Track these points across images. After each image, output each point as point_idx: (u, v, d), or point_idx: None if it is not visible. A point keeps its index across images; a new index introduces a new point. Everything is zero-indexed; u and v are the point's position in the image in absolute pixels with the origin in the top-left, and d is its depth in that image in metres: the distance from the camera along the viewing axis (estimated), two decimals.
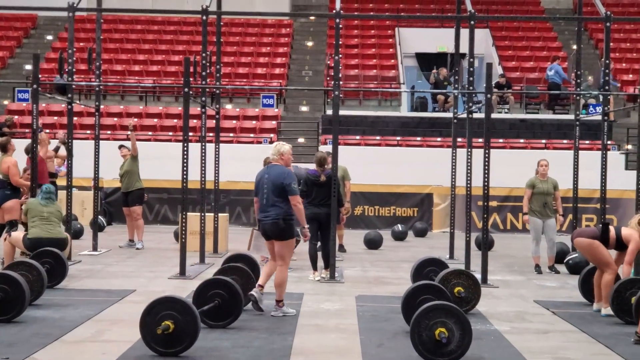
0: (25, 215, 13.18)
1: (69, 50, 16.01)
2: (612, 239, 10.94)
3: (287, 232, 10.68)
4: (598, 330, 10.07)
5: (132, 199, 18.05)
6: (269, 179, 10.64)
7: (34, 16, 37.46)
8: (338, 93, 14.24)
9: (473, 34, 15.66)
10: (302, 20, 38.27)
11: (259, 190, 10.75)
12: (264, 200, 10.65)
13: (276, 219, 10.57)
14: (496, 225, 23.57)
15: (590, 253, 11.08)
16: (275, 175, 10.65)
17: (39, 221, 12.94)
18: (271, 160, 11.01)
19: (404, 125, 28.41)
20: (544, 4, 39.07)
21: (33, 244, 12.76)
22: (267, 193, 10.63)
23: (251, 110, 30.23)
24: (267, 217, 10.61)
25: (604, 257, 10.95)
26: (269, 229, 10.66)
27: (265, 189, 10.64)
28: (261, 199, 10.69)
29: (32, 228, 12.97)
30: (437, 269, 11.87)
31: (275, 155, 10.90)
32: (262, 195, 10.68)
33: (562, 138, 27.29)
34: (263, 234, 10.91)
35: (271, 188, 10.59)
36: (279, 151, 10.94)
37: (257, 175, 10.93)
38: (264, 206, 10.65)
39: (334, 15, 14.79)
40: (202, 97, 16.84)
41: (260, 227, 10.95)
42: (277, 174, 10.65)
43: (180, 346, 8.27)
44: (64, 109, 27.15)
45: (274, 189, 10.58)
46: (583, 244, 11.07)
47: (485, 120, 13.96)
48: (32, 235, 12.86)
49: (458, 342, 8.06)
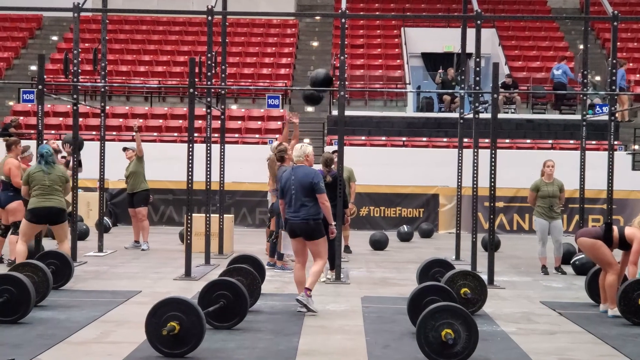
0: (25, 184, 13.02)
1: (74, 51, 15.99)
2: (616, 239, 10.90)
3: (317, 232, 10.93)
4: (605, 331, 10.03)
5: (138, 200, 18.04)
6: (295, 180, 10.89)
7: (39, 17, 37.51)
8: (344, 93, 14.20)
9: (479, 34, 15.61)
10: (308, 20, 38.26)
11: (285, 192, 10.98)
12: (292, 201, 10.89)
13: (305, 219, 10.84)
14: (502, 226, 23.54)
15: (593, 253, 11.04)
16: (302, 175, 10.90)
17: (40, 190, 12.86)
18: (296, 162, 11.15)
19: (410, 126, 28.40)
20: (551, 4, 39.03)
21: (31, 214, 12.80)
22: (295, 194, 10.87)
23: (256, 111, 30.22)
24: (296, 217, 10.86)
25: (606, 257, 10.90)
26: (298, 228, 10.89)
27: (293, 190, 10.88)
28: (289, 200, 10.93)
29: (32, 197, 12.91)
30: (443, 270, 11.84)
31: (300, 157, 11.12)
32: (290, 197, 10.92)
33: (568, 138, 27.24)
34: (291, 233, 11.07)
35: (299, 188, 10.84)
36: (304, 152, 11.20)
37: (282, 177, 11.15)
38: (292, 207, 10.88)
39: (340, 15, 14.76)
40: (208, 97, 16.83)
41: (287, 226, 11.10)
42: (305, 174, 10.91)
43: (185, 347, 8.25)
44: (69, 109, 27.14)
45: (303, 189, 10.84)
46: (586, 244, 11.03)
47: (492, 120, 13.92)
48: (30, 206, 12.86)
49: (464, 343, 8.03)
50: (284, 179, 11.07)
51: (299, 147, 11.24)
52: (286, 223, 11.13)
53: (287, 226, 11.11)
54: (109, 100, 29.64)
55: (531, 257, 17.02)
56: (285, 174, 11.14)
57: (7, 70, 33.70)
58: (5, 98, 31.90)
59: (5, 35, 36.04)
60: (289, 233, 11.15)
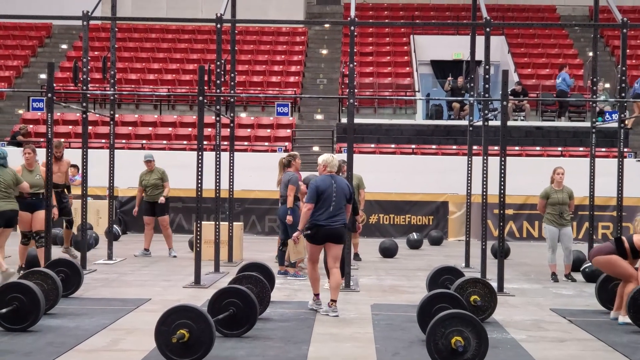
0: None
1: (84, 59, 16.03)
2: (628, 250, 10.92)
3: (345, 236, 11.92)
4: (615, 338, 10.00)
5: (160, 208, 18.12)
6: (337, 187, 11.41)
7: (49, 25, 37.63)
8: (353, 101, 14.19)
9: (489, 41, 15.60)
10: (317, 28, 38.30)
11: (325, 197, 11.33)
12: (331, 206, 11.32)
13: (343, 223, 11.49)
14: (512, 234, 23.50)
15: (610, 269, 11.06)
16: (343, 184, 11.59)
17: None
18: (330, 171, 11.60)
19: (419, 133, 28.36)
20: (560, 11, 39.01)
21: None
22: (336, 200, 11.36)
23: (266, 119, 30.23)
24: (335, 222, 11.35)
25: (625, 270, 10.90)
26: (335, 232, 11.39)
27: (335, 197, 11.36)
28: (328, 206, 11.31)
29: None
30: (453, 277, 11.83)
31: (335, 168, 11.67)
32: (330, 202, 11.32)
33: (578, 145, 27.17)
34: (324, 238, 11.39)
35: (341, 196, 11.41)
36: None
37: (321, 183, 11.41)
38: (332, 212, 11.32)
39: (349, 23, 14.76)
40: (217, 105, 16.83)
41: (321, 231, 11.34)
42: (345, 184, 11.68)
43: (195, 355, 8.24)
44: (78, 118, 27.21)
45: (343, 197, 11.45)
46: (602, 262, 11.06)
47: (501, 127, 13.90)
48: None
49: (474, 350, 8.02)
50: (323, 185, 11.37)
51: (332, 158, 11.69)
52: (316, 228, 11.33)
53: (321, 231, 11.31)
54: (118, 108, 29.68)
55: (541, 264, 17.00)
56: (325, 182, 11.41)
57: (16, 78, 33.78)
58: (15, 106, 31.98)
59: (14, 44, 36.14)
60: (322, 237, 11.36)
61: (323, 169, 11.64)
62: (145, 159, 18.50)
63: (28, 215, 14.32)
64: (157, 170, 18.35)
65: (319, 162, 11.74)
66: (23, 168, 14.47)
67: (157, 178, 18.22)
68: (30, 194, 14.30)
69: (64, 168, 16.57)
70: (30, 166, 14.52)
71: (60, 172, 16.30)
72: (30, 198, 14.35)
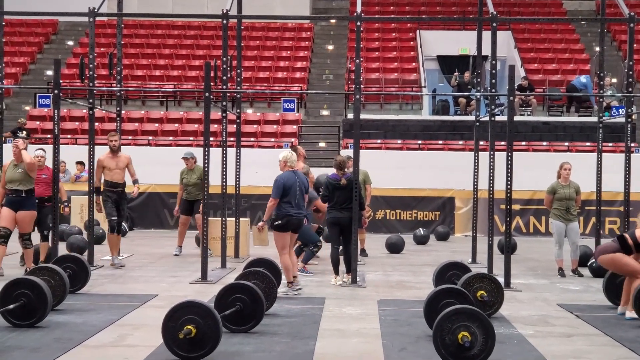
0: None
1: (90, 56, 16.05)
2: (632, 246, 10.90)
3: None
4: (622, 333, 9.99)
5: (198, 207, 17.68)
6: (300, 182, 12.61)
7: (55, 22, 37.69)
8: (359, 97, 14.19)
9: (495, 36, 15.59)
10: (323, 24, 38.27)
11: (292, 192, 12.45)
12: (296, 199, 12.52)
13: (305, 214, 12.97)
14: (519, 229, 23.47)
15: (616, 266, 11.03)
16: (303, 178, 12.82)
17: None
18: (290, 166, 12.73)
19: (426, 129, 28.36)
20: (566, 6, 38.94)
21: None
22: (299, 193, 12.58)
23: (272, 115, 30.25)
24: (300, 213, 12.65)
25: (630, 266, 10.87)
26: (301, 222, 12.79)
27: (298, 190, 12.55)
28: (294, 199, 12.47)
29: None
30: (460, 272, 11.82)
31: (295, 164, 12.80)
32: (295, 196, 12.48)
33: (585, 140, 27.14)
34: (293, 227, 12.59)
35: (302, 189, 12.67)
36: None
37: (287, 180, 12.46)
38: (297, 205, 12.54)
39: (355, 18, 14.75)
40: (223, 101, 16.82)
41: (292, 221, 12.52)
42: (304, 178, 12.92)
43: (202, 351, 8.25)
44: (85, 114, 27.24)
45: (304, 190, 12.72)
46: (606, 260, 11.04)
47: (508, 122, 13.88)
48: None
49: (481, 346, 8.01)
50: (290, 181, 12.44)
51: (292, 155, 12.80)
52: (287, 218, 12.44)
53: (291, 221, 12.49)
54: (125, 104, 29.72)
55: (548, 259, 16.98)
56: (290, 178, 12.50)
57: (23, 75, 33.83)
58: (21, 103, 32.01)
59: (21, 41, 36.18)
60: (291, 227, 12.55)
61: (284, 165, 12.66)
62: (184, 155, 17.92)
63: (8, 211, 13.74)
64: (197, 169, 17.62)
65: (280, 159, 12.72)
66: (11, 162, 14.02)
67: (198, 177, 17.41)
68: (12, 190, 13.76)
69: (123, 164, 15.92)
70: (17, 160, 13.84)
71: (118, 169, 15.81)
72: (12, 194, 13.79)
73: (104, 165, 15.69)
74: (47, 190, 14.48)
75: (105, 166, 15.69)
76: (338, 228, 13.73)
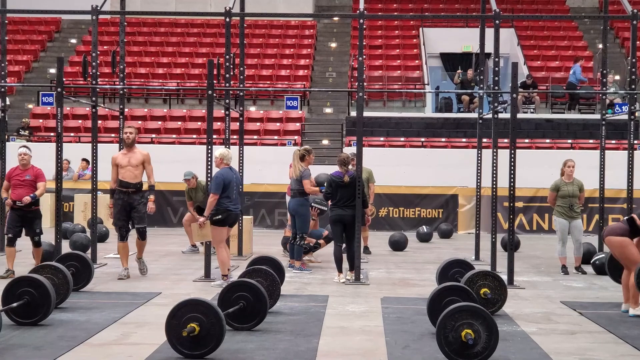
0: None
1: (93, 54, 16.06)
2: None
3: None
4: (626, 331, 9.98)
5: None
6: (236, 178, 13.26)
7: (58, 20, 37.70)
8: (362, 94, 14.19)
9: (498, 34, 15.58)
10: (326, 22, 38.26)
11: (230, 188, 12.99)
12: (234, 194, 13.08)
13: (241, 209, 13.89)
14: (522, 226, 23.45)
15: (620, 251, 10.98)
16: (238, 174, 13.58)
17: None
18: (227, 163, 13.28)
19: (429, 126, 28.35)
20: (569, 3, 38.92)
21: None
22: (236, 188, 13.18)
23: (275, 113, 30.24)
24: (238, 208, 13.31)
25: (633, 256, 10.86)
26: (238, 217, 13.72)
27: (235, 186, 13.14)
28: (232, 194, 13.02)
29: None
30: (463, 270, 11.82)
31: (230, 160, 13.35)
32: (233, 191, 13.03)
33: (588, 138, 27.14)
34: (231, 222, 13.28)
35: (238, 184, 13.35)
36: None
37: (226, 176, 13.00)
38: (235, 199, 13.12)
39: (358, 16, 14.75)
40: (226, 99, 16.84)
41: (231, 216, 13.15)
42: (238, 174, 13.73)
43: (205, 348, 8.26)
44: (88, 112, 27.27)
45: (239, 185, 13.43)
46: (615, 242, 10.97)
47: (511, 120, 13.87)
48: None
49: (484, 343, 8.01)
50: (228, 177, 12.99)
51: (228, 152, 13.32)
52: (226, 213, 12.99)
53: (230, 216, 13.10)
54: (128, 102, 29.71)
55: (551, 257, 16.97)
56: (228, 174, 13.05)
57: (26, 73, 33.85)
58: (24, 101, 32.03)
59: (24, 39, 36.22)
60: (231, 222, 13.28)
61: (220, 161, 13.14)
62: (184, 177, 17.72)
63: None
64: (200, 185, 17.45)
65: (216, 155, 13.18)
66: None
67: (204, 193, 16.48)
68: None
69: (136, 161, 13.89)
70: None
71: (130, 166, 13.86)
72: None
73: (117, 162, 13.92)
74: (30, 193, 13.56)
75: (118, 163, 13.92)
76: (341, 226, 13.72)
